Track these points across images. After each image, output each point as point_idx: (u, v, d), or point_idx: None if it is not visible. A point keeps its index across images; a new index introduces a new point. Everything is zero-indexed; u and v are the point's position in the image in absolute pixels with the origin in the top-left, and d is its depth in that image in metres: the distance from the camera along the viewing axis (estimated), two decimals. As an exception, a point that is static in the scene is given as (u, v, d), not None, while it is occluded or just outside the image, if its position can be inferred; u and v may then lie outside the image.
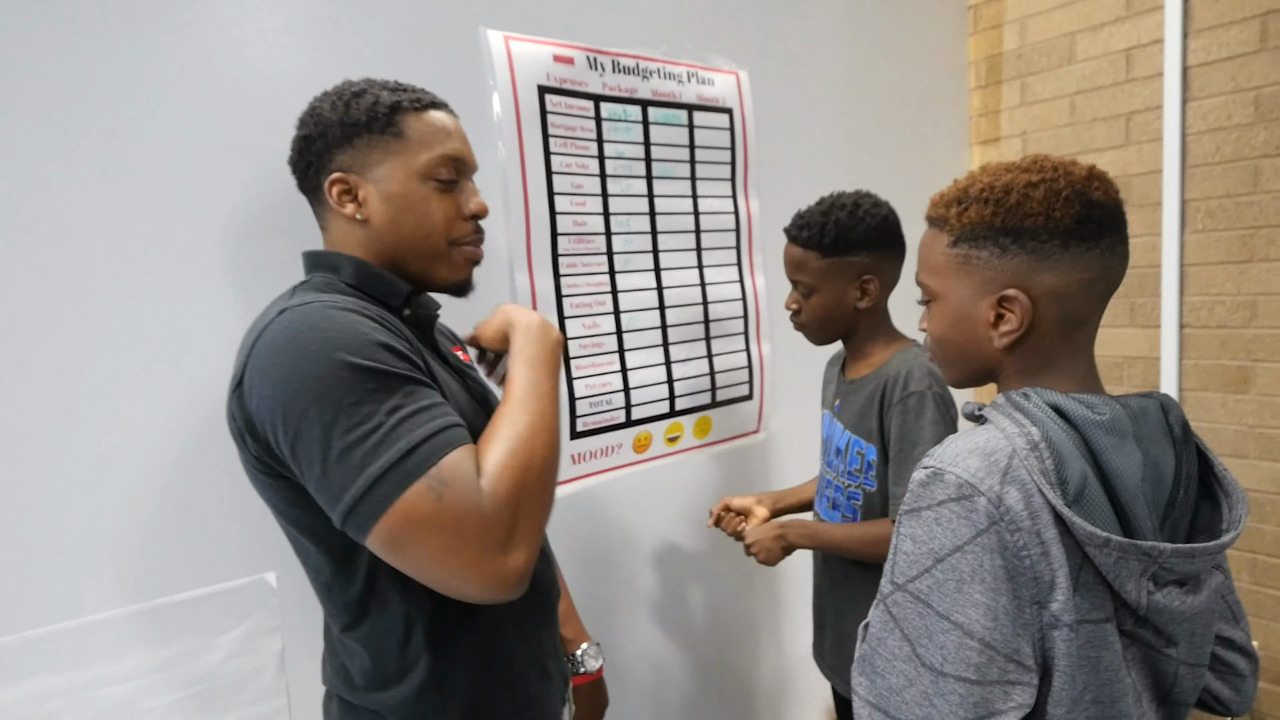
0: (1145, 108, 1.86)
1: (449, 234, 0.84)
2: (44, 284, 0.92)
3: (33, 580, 0.92)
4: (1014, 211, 0.67)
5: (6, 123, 0.89)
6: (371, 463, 0.65)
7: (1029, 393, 0.68)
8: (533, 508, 0.71)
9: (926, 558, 0.63)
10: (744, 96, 1.60)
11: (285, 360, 0.67)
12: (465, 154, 0.85)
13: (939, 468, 0.64)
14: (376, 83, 0.84)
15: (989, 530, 0.61)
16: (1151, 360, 1.90)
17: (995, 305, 0.69)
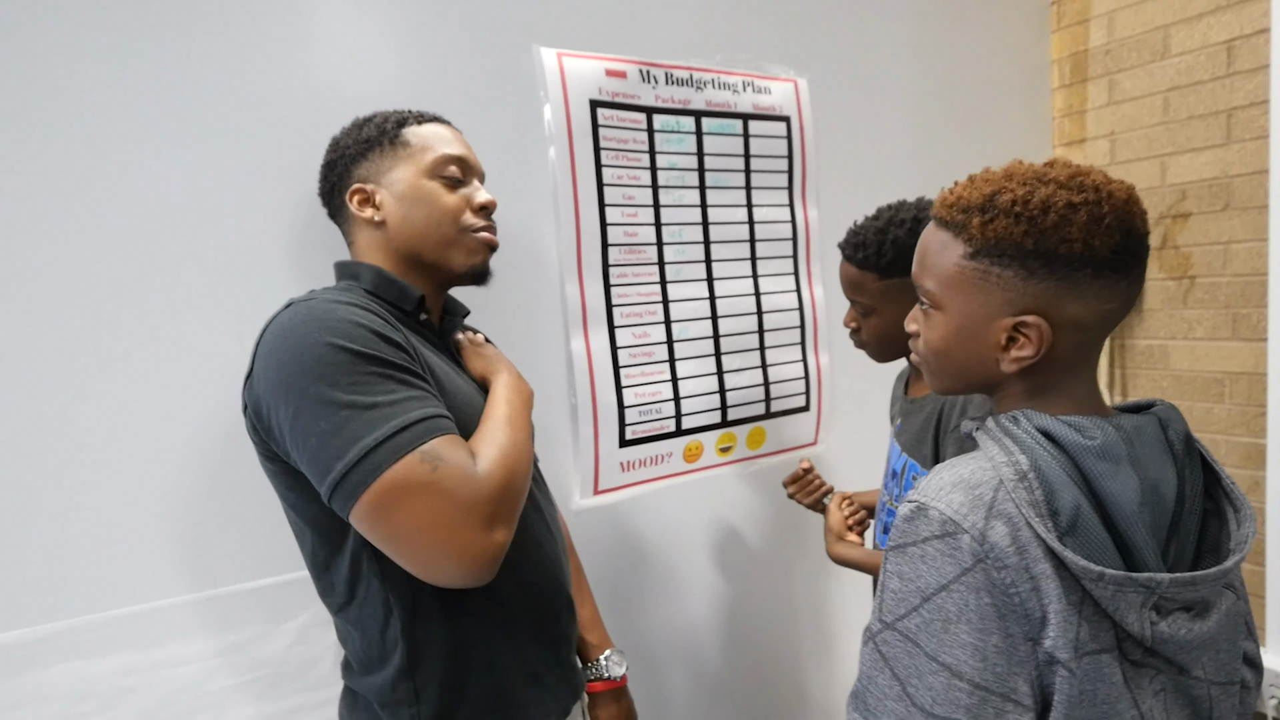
0: (1249, 103, 1.72)
1: (459, 222, 0.91)
2: (121, 282, 1.01)
3: (118, 565, 1.01)
4: (1050, 234, 0.62)
5: (82, 124, 0.98)
6: (365, 435, 0.68)
7: (1019, 416, 0.66)
8: (517, 496, 0.76)
9: (914, 596, 0.61)
10: (802, 104, 1.58)
11: (287, 345, 0.72)
12: (469, 157, 0.95)
13: (923, 502, 0.62)
14: (383, 112, 0.96)
15: (974, 569, 0.59)
16: (1257, 376, 1.75)
17: (1009, 329, 0.65)
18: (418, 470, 0.68)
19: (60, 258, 0.97)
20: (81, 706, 0.98)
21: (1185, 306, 1.88)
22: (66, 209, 0.97)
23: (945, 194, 0.69)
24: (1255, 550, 1.80)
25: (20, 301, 0.95)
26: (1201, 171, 1.81)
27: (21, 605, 0.95)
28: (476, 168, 0.96)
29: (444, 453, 0.70)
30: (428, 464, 0.68)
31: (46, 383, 0.96)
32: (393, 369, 0.73)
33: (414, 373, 0.76)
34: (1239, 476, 1.81)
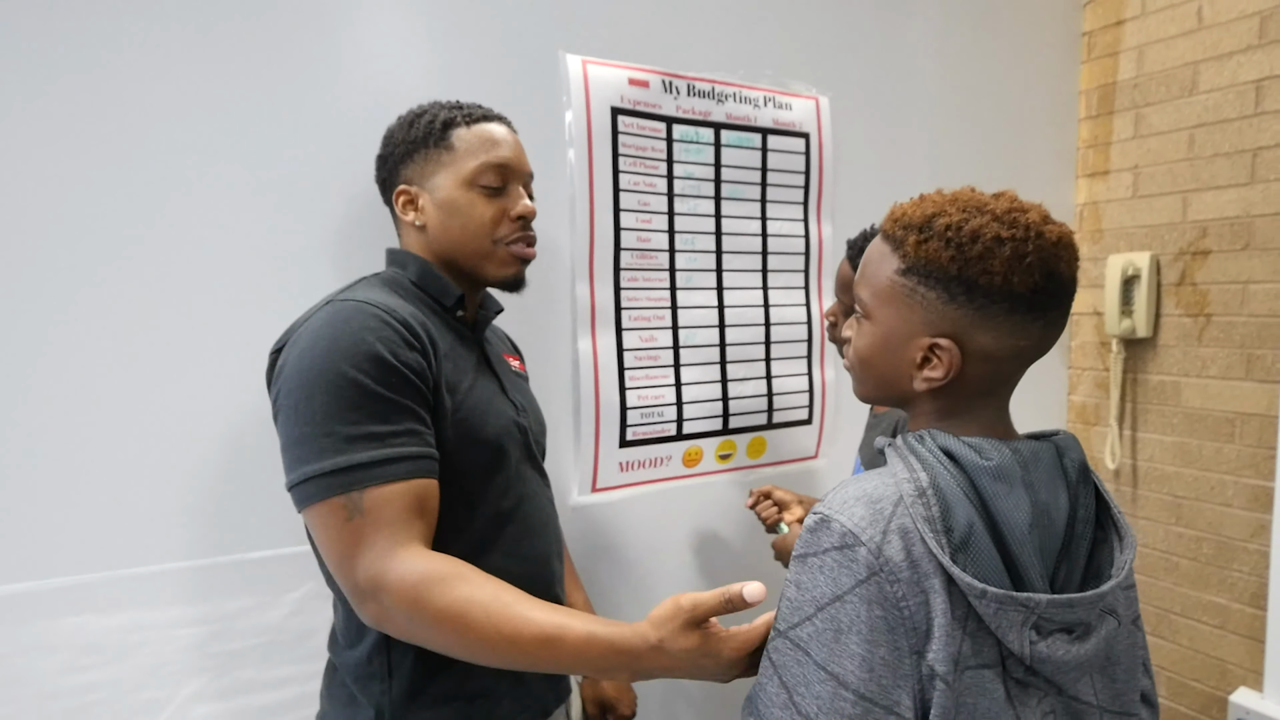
0: (1275, 144, 1.71)
1: (494, 233, 0.93)
2: (149, 270, 1.06)
3: (131, 527, 1.05)
4: (973, 264, 0.64)
5: (135, 124, 1.04)
6: (309, 463, 0.76)
7: (924, 435, 0.68)
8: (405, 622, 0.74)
9: (808, 605, 0.63)
10: (823, 121, 1.60)
11: (317, 350, 0.79)
12: (512, 161, 0.94)
13: (826, 514, 0.64)
14: (440, 103, 0.97)
15: (868, 581, 0.61)
16: (1269, 419, 1.74)
17: (925, 349, 0.67)
18: (336, 514, 0.75)
19: (101, 244, 1.02)
20: (87, 659, 1.03)
21: (1200, 344, 1.86)
22: (116, 197, 1.02)
23: (895, 209, 0.71)
24: (1257, 594, 1.78)
25: (66, 283, 1.00)
26: (1224, 210, 1.81)
27: (36, 558, 1.00)
28: (520, 170, 0.96)
29: (371, 505, 0.75)
30: (346, 511, 0.75)
31: (73, 349, 1.02)
32: (377, 402, 0.77)
33: (402, 407, 0.79)
34: (1246, 519, 1.80)
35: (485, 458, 0.89)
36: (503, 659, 0.73)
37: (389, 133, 0.98)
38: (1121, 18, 1.99)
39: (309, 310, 0.87)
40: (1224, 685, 1.84)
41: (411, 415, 0.80)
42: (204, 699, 1.10)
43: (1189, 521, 1.90)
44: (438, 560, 0.75)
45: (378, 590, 0.74)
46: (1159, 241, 1.92)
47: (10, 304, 0.98)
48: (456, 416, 0.86)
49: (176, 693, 1.08)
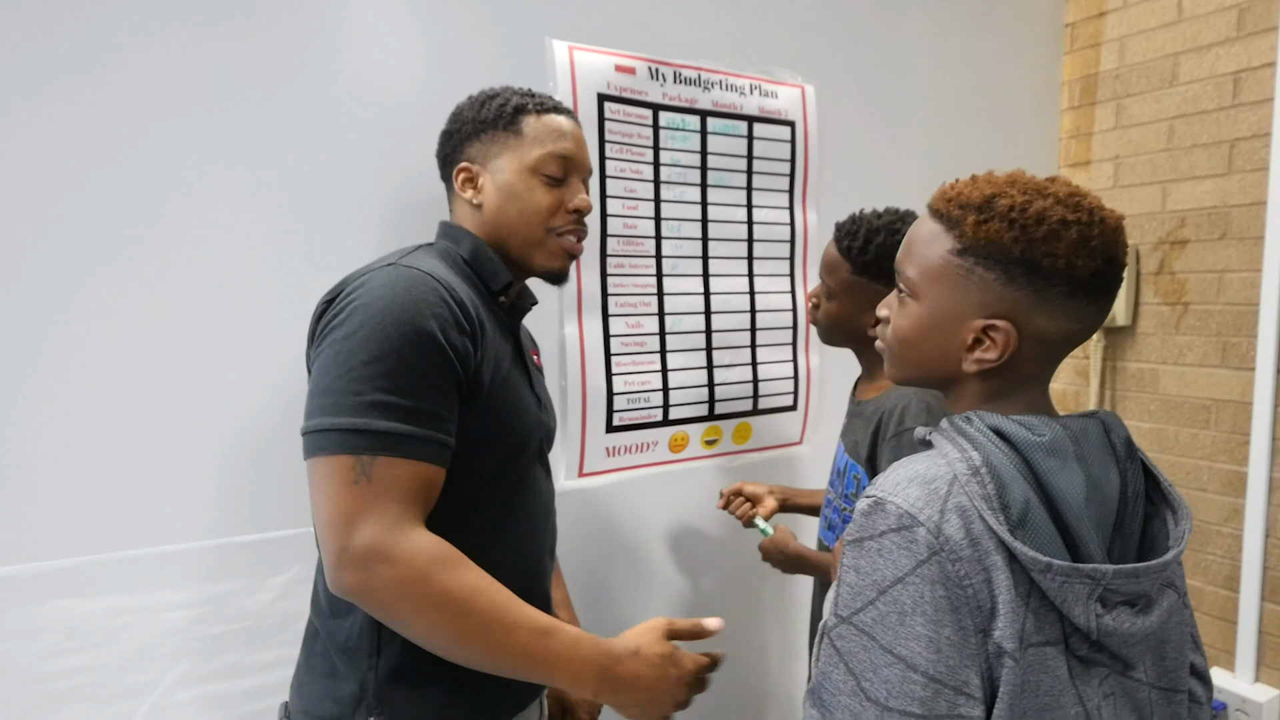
0: (1251, 135, 1.74)
1: (548, 222, 0.94)
2: (161, 262, 1.05)
3: (114, 510, 1.05)
4: (1038, 245, 0.64)
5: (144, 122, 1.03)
6: (329, 415, 0.75)
7: (971, 416, 0.67)
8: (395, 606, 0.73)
9: (870, 589, 0.62)
10: (808, 109, 1.61)
11: (364, 304, 0.78)
12: (577, 155, 0.96)
13: (880, 497, 0.63)
14: (514, 89, 0.97)
15: (929, 561, 0.60)
16: (1243, 405, 1.77)
17: (979, 330, 0.67)
18: (342, 471, 0.74)
19: (99, 242, 1.01)
20: (71, 643, 1.03)
21: (1178, 332, 1.90)
22: (132, 189, 1.01)
23: (946, 188, 0.70)
24: (1229, 576, 1.82)
25: (68, 276, 0.99)
26: (1201, 200, 1.83)
27: (19, 542, 1.00)
28: (583, 166, 0.97)
29: (381, 474, 0.74)
30: (354, 472, 0.73)
31: (68, 340, 1.01)
32: (425, 384, 0.77)
33: (437, 387, 0.78)
34: (1220, 503, 1.83)
35: (505, 450, 0.89)
36: (491, 648, 0.75)
37: (458, 110, 0.98)
38: (1104, 9, 2.01)
39: (364, 268, 0.85)
40: (1197, 666, 1.89)
41: (442, 400, 0.79)
42: (190, 683, 1.10)
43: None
44: (446, 544, 0.76)
45: (377, 560, 0.72)
46: (1139, 231, 1.95)
47: (12, 297, 0.98)
48: (488, 405, 0.85)
49: (162, 677, 1.08)
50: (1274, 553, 1.74)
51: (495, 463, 0.88)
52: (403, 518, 0.74)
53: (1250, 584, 1.76)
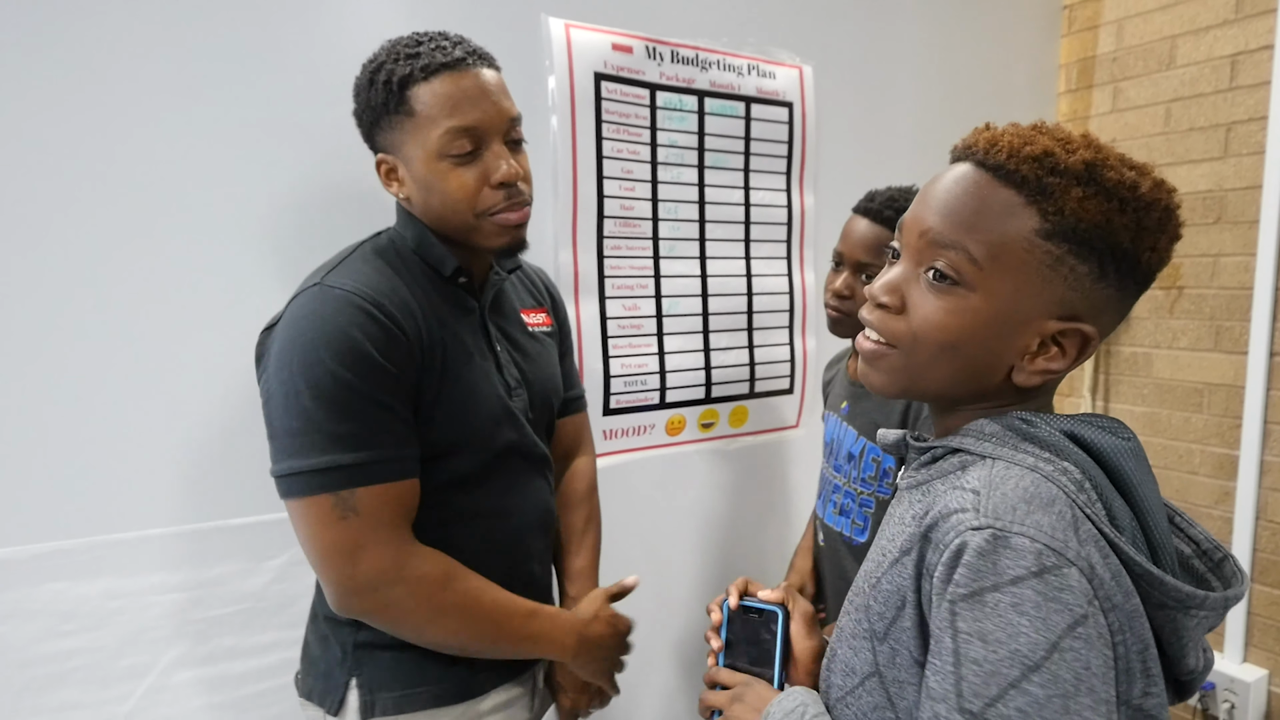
0: (1248, 118, 1.74)
1: (474, 207, 0.84)
2: (141, 243, 1.04)
3: (108, 493, 1.04)
4: (1145, 235, 0.51)
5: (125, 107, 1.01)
6: (297, 457, 0.77)
7: (1032, 419, 0.54)
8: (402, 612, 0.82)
9: (1010, 666, 0.45)
10: (806, 91, 1.60)
11: (294, 338, 0.79)
12: (481, 120, 0.82)
13: (1000, 527, 0.47)
14: (398, 49, 0.83)
15: (1090, 615, 0.45)
16: (1235, 389, 1.78)
17: (1052, 334, 0.53)
18: (326, 511, 0.77)
19: (83, 221, 0.99)
20: (66, 625, 1.02)
21: (1171, 316, 1.90)
22: (98, 182, 0.99)
23: (1014, 139, 0.53)
24: (1220, 558, 1.83)
25: (47, 259, 0.98)
26: (1197, 184, 1.83)
27: (13, 524, 0.99)
28: (495, 126, 0.83)
29: (365, 506, 0.78)
30: (338, 509, 0.77)
31: (55, 321, 0.99)
32: (377, 404, 0.79)
33: (396, 405, 0.80)
34: (1210, 486, 1.85)
35: (464, 445, 0.88)
36: (492, 640, 0.87)
37: (355, 87, 0.87)
38: (1102, -9, 2.00)
39: (301, 285, 0.84)
40: (1186, 646, 1.91)
41: (396, 414, 0.80)
42: (185, 665, 1.10)
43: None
44: (443, 558, 0.84)
45: (388, 585, 0.79)
46: (1134, 215, 1.95)
47: (4, 283, 0.96)
48: (440, 405, 0.84)
49: (158, 659, 1.08)
50: (1263, 535, 1.75)
51: (456, 457, 0.87)
52: (400, 540, 0.80)
53: (1240, 565, 1.78)
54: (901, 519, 0.59)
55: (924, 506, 0.55)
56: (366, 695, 0.87)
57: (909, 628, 0.53)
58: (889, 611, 0.55)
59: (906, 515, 0.58)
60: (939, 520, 0.51)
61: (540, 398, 0.99)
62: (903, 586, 0.54)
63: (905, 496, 0.62)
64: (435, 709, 0.88)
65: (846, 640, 0.61)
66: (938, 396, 0.59)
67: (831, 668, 0.63)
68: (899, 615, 0.54)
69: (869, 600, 0.58)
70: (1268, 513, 1.75)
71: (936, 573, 0.49)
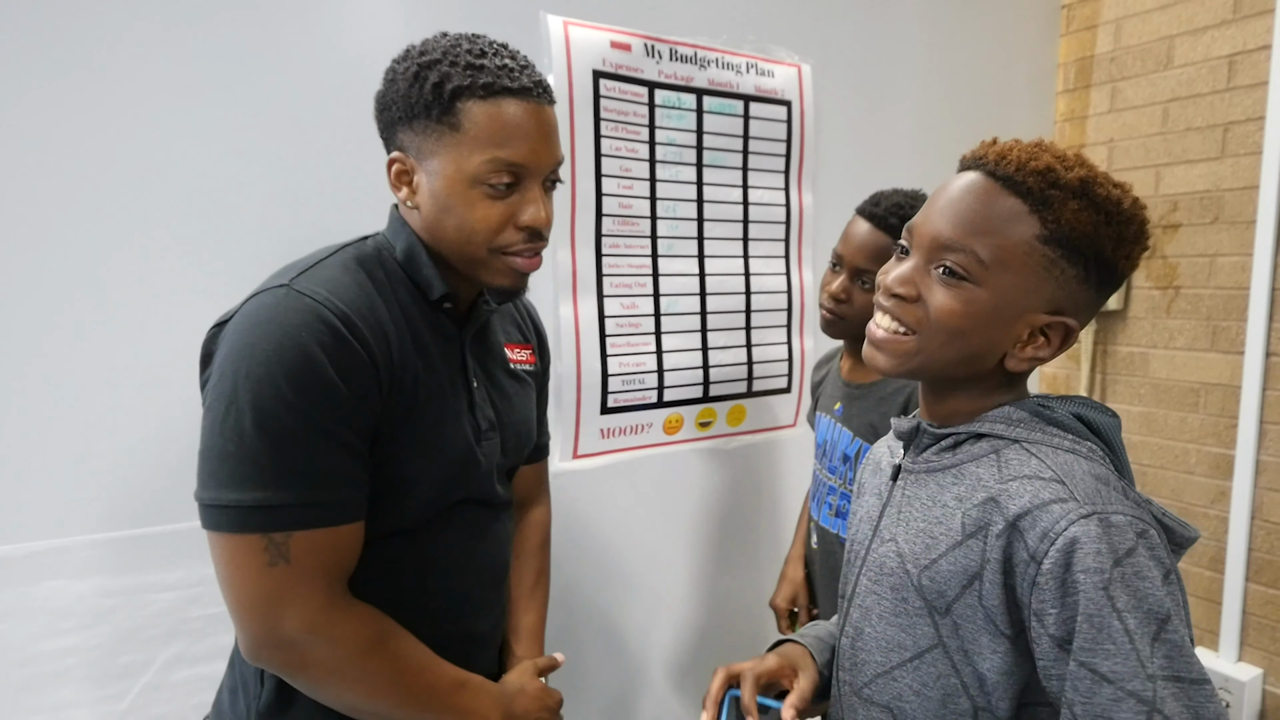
0: (1246, 118, 1.74)
1: (491, 242, 0.77)
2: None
3: (104, 491, 1.04)
4: (1123, 246, 0.60)
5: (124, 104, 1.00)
6: (228, 488, 0.68)
7: (1049, 404, 0.64)
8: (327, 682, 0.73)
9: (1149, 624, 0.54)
10: (805, 89, 1.60)
11: (247, 345, 0.69)
12: (530, 158, 0.75)
13: (1102, 511, 0.56)
14: (459, 51, 0.75)
15: (1170, 562, 0.57)
16: (1232, 389, 1.79)
17: (1039, 326, 0.62)
18: (253, 555, 0.68)
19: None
20: (63, 623, 1.02)
21: (1168, 316, 1.91)
22: (67, 182, 0.99)
23: (1021, 154, 0.60)
24: (1215, 558, 1.84)
25: (75, 255, 0.97)
26: (1194, 184, 1.84)
27: (8, 523, 0.98)
28: (541, 167, 0.77)
29: (298, 554, 0.68)
30: (267, 554, 0.68)
31: (59, 320, 0.99)
32: (327, 438, 0.70)
33: (351, 440, 0.71)
34: (1206, 485, 1.85)
35: (414, 492, 0.79)
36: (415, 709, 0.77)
37: (392, 73, 0.77)
38: (1100, -9, 2.00)
39: (265, 282, 0.75)
40: (1182, 645, 1.91)
41: (347, 448, 0.71)
42: (183, 663, 1.09)
43: (1152, 489, 1.95)
44: (376, 616, 0.76)
45: (309, 645, 0.70)
46: (1131, 215, 1.95)
47: (10, 284, 0.96)
48: (398, 442, 0.76)
49: (155, 657, 1.08)
50: (1259, 534, 1.76)
51: (408, 503, 0.79)
52: (331, 594, 0.71)
53: (1235, 565, 1.78)
54: (938, 501, 0.65)
55: (969, 489, 0.63)
56: None
57: (983, 603, 0.60)
58: (951, 590, 0.62)
59: (945, 497, 0.65)
60: (1030, 510, 0.58)
61: (513, 442, 0.91)
62: (970, 566, 0.61)
63: (927, 480, 0.68)
64: None
65: (887, 619, 0.67)
66: (938, 378, 0.66)
67: (863, 645, 0.69)
68: (964, 592, 0.61)
69: (919, 580, 0.64)
70: (1263, 512, 1.75)
71: (1049, 558, 0.56)
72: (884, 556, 0.69)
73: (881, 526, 0.72)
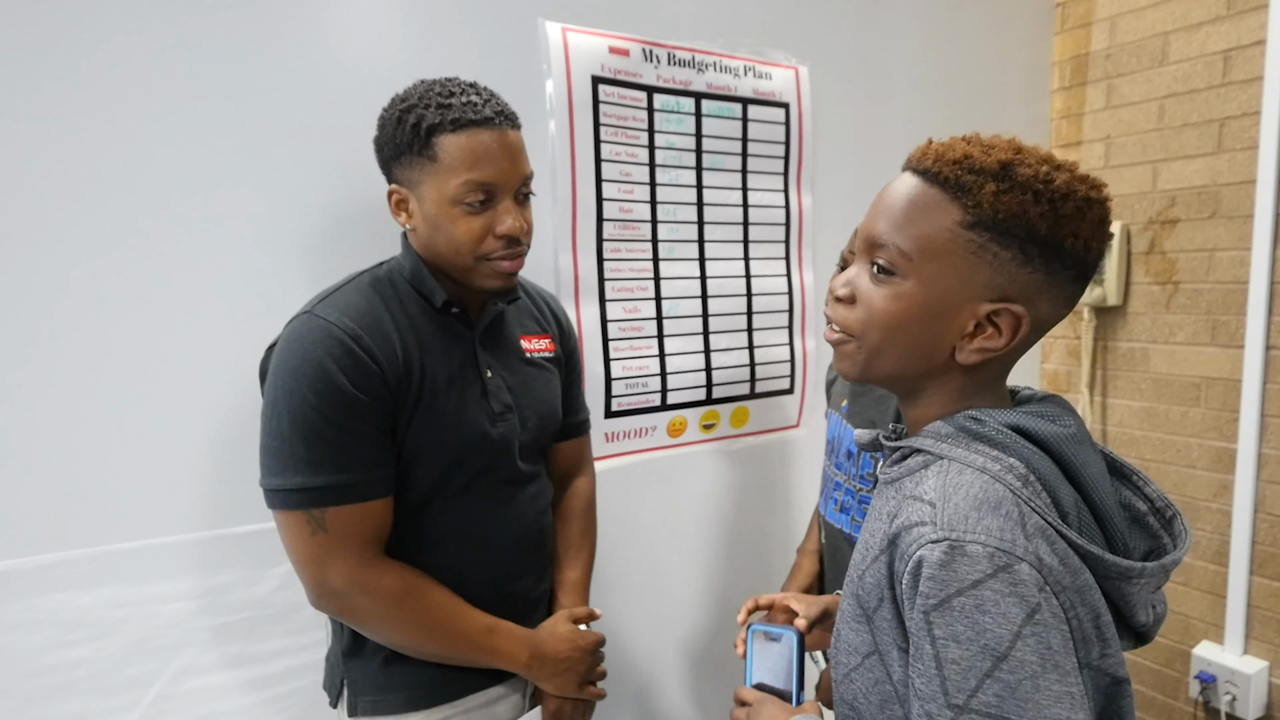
0: (1242, 113, 1.75)
1: (476, 251, 0.92)
2: (154, 249, 1.04)
3: (112, 502, 1.04)
4: (1064, 223, 0.57)
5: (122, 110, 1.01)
6: (276, 475, 0.87)
7: (978, 416, 0.60)
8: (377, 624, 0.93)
9: (983, 659, 0.51)
10: (802, 91, 1.60)
11: (279, 365, 0.88)
12: (497, 178, 0.90)
13: (955, 538, 0.53)
14: (431, 95, 0.89)
15: (1043, 602, 0.51)
16: (1232, 382, 1.79)
17: (984, 315, 0.59)
18: (299, 526, 0.87)
19: (91, 231, 0.99)
20: (71, 635, 1.02)
21: (1168, 311, 1.91)
22: (107, 190, 0.99)
23: (940, 148, 0.61)
24: (1218, 551, 1.84)
25: (57, 268, 0.97)
26: (1192, 179, 1.84)
27: (17, 536, 0.99)
28: (509, 183, 0.91)
29: (334, 523, 0.87)
30: (310, 525, 0.87)
31: (61, 331, 0.99)
32: (347, 433, 0.87)
33: (369, 431, 0.88)
34: (1209, 479, 1.86)
35: (437, 467, 0.94)
36: (447, 648, 0.95)
37: (381, 120, 0.93)
38: (1094, -11, 2.01)
39: (299, 310, 0.92)
40: (1187, 639, 1.92)
41: (368, 440, 0.88)
42: (192, 673, 1.10)
43: (1156, 483, 1.95)
44: (407, 572, 0.92)
45: (355, 593, 0.89)
46: (1129, 211, 1.96)
47: (4, 292, 0.96)
48: (412, 428, 0.92)
49: (164, 668, 1.08)
50: (1262, 527, 1.76)
51: (429, 478, 0.94)
52: (365, 556, 0.89)
53: (1239, 558, 1.79)
54: (879, 514, 0.66)
55: (895, 505, 0.62)
56: (352, 696, 0.98)
57: (889, 618, 0.60)
58: (872, 600, 0.62)
59: (883, 511, 0.65)
60: (902, 531, 0.58)
61: (533, 421, 1.04)
62: (880, 582, 0.60)
63: (883, 491, 0.67)
64: (408, 713, 0.96)
65: (848, 622, 0.66)
66: (893, 378, 0.65)
67: (838, 646, 0.69)
68: (880, 605, 0.61)
69: (858, 589, 0.64)
70: (1266, 505, 1.76)
71: (904, 581, 0.56)
72: (851, 563, 0.69)
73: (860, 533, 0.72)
